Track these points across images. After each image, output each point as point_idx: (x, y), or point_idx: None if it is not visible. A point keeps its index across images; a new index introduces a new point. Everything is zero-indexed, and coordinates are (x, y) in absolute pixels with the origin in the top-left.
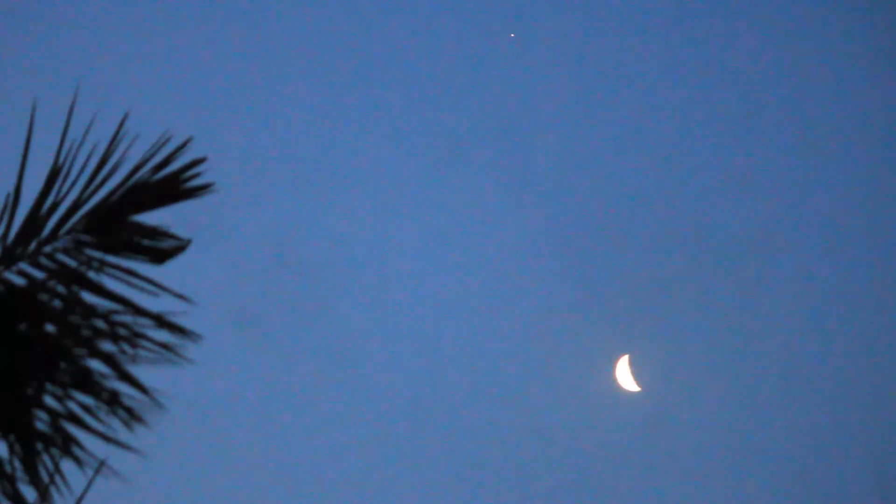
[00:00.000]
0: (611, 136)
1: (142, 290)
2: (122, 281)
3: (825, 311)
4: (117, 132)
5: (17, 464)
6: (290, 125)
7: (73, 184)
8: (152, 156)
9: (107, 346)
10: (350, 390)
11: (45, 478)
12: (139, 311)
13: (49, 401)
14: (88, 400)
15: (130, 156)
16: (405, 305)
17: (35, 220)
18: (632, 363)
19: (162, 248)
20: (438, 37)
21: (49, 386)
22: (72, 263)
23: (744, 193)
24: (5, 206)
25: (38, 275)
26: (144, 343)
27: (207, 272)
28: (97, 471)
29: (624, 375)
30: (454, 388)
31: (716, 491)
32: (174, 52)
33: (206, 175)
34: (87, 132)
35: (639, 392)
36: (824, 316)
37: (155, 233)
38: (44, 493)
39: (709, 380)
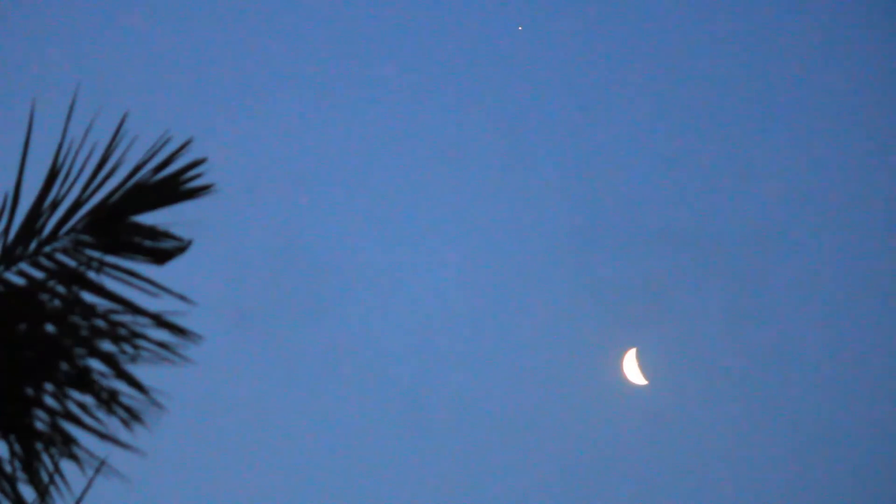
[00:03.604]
0: (617, 136)
1: (142, 290)
2: (123, 281)
3: (829, 306)
4: (117, 132)
5: (17, 464)
6: (291, 125)
7: (73, 184)
8: (152, 156)
9: (106, 345)
10: (351, 389)
11: (45, 477)
12: (138, 310)
13: (48, 400)
14: (88, 399)
15: (130, 156)
16: (408, 302)
17: (35, 220)
18: (639, 356)
19: (163, 249)
20: (439, 36)
21: (48, 385)
22: (72, 263)
23: (751, 191)
24: (4, 206)
25: (38, 275)
26: (144, 343)
27: (207, 272)
28: (97, 470)
29: (631, 369)
30: (460, 383)
31: (721, 484)
32: (174, 52)
33: (206, 176)
34: (86, 132)
35: (646, 385)
36: (828, 311)
37: (155, 233)
38: (43, 493)
39: (715, 373)
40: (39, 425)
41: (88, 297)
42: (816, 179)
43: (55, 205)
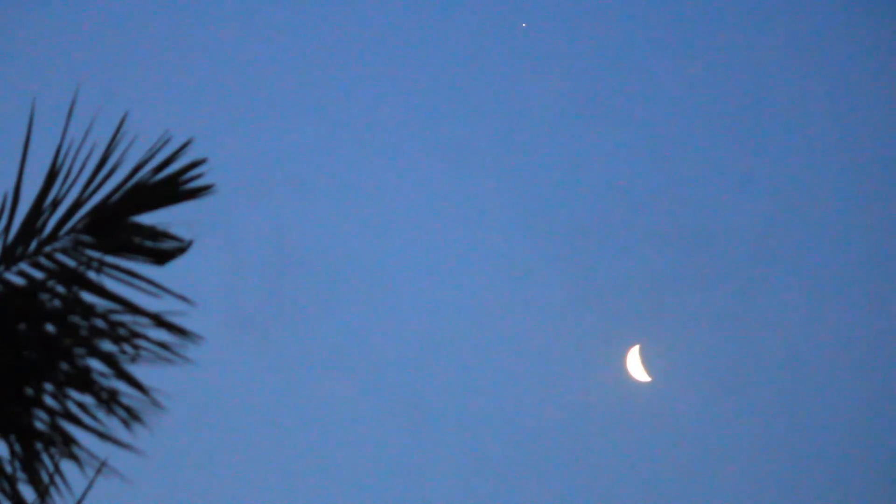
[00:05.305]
0: (620, 135)
1: (142, 290)
2: (123, 281)
3: (831, 304)
4: (117, 132)
5: (17, 464)
6: (290, 125)
7: (73, 184)
8: (152, 156)
9: (106, 345)
10: (351, 389)
11: (45, 477)
12: (138, 310)
13: (48, 400)
14: (88, 399)
15: (130, 156)
16: (407, 302)
17: (35, 220)
18: (642, 353)
19: (163, 249)
20: (440, 34)
21: (48, 385)
22: (72, 263)
23: (754, 190)
24: (4, 206)
25: (38, 275)
26: (144, 343)
27: (207, 272)
28: (98, 471)
29: (635, 366)
30: (461, 382)
31: (724, 481)
32: (174, 52)
33: (206, 176)
34: (87, 132)
35: (649, 382)
36: (830, 309)
37: (155, 233)
38: (43, 493)
39: (719, 370)
40: (39, 425)
41: (88, 297)
42: (819, 179)
43: (55, 205)
